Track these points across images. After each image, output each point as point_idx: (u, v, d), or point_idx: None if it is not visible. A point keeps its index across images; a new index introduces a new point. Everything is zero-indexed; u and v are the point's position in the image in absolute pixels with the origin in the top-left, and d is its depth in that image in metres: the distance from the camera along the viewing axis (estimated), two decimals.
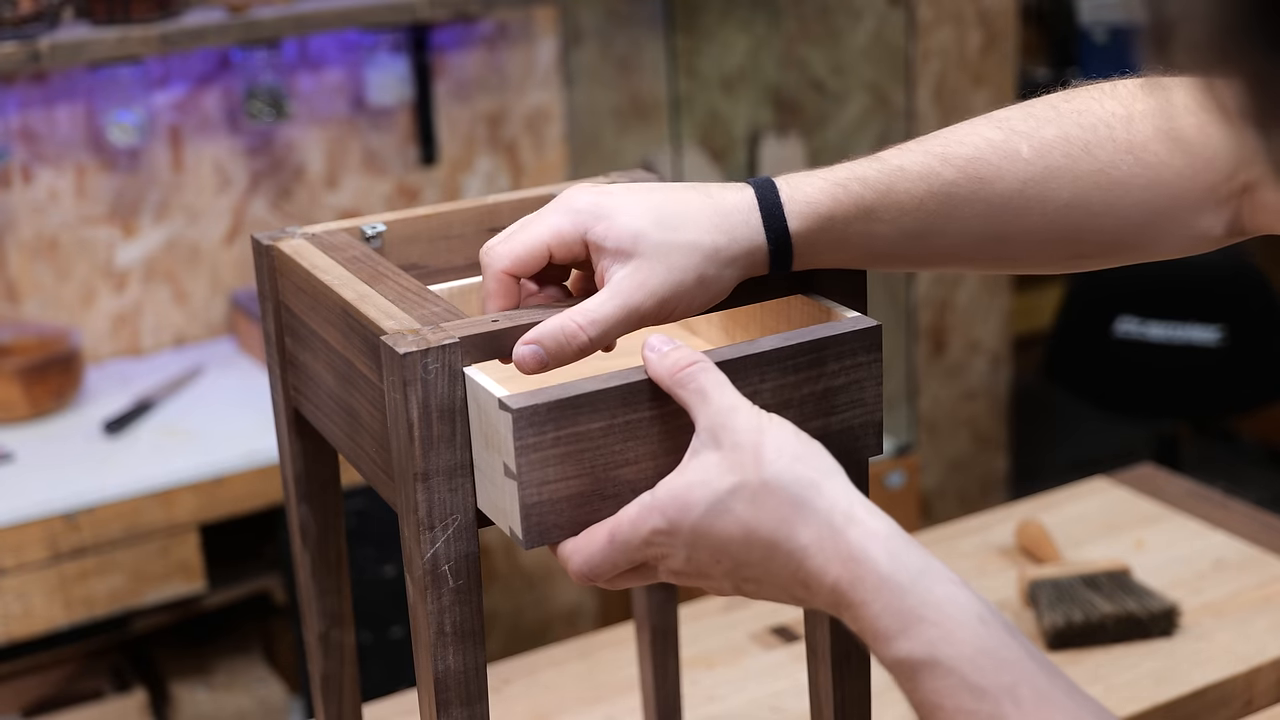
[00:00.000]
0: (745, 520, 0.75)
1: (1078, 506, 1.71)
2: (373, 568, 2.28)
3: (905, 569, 0.72)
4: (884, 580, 0.72)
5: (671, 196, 0.86)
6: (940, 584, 0.72)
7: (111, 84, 2.43)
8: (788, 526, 0.74)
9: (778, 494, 0.74)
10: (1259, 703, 1.40)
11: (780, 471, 0.75)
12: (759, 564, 0.76)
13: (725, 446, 0.76)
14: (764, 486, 0.75)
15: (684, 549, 0.77)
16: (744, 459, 0.75)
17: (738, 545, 0.75)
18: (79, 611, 2.12)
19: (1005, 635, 0.71)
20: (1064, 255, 0.94)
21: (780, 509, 0.74)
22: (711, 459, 0.76)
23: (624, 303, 0.83)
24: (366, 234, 1.05)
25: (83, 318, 2.55)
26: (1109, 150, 0.90)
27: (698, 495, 0.76)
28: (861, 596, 0.72)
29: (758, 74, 3.14)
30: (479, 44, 2.77)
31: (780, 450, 0.75)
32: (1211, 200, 0.91)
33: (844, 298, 0.92)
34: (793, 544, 0.74)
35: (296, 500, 1.08)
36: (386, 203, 2.76)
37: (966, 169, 0.89)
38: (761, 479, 0.75)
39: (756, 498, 0.75)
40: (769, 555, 0.75)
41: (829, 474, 0.76)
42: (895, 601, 0.71)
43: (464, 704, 0.87)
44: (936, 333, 2.99)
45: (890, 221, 0.88)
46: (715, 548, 0.76)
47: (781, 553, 0.75)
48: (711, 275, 0.85)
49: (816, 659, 0.96)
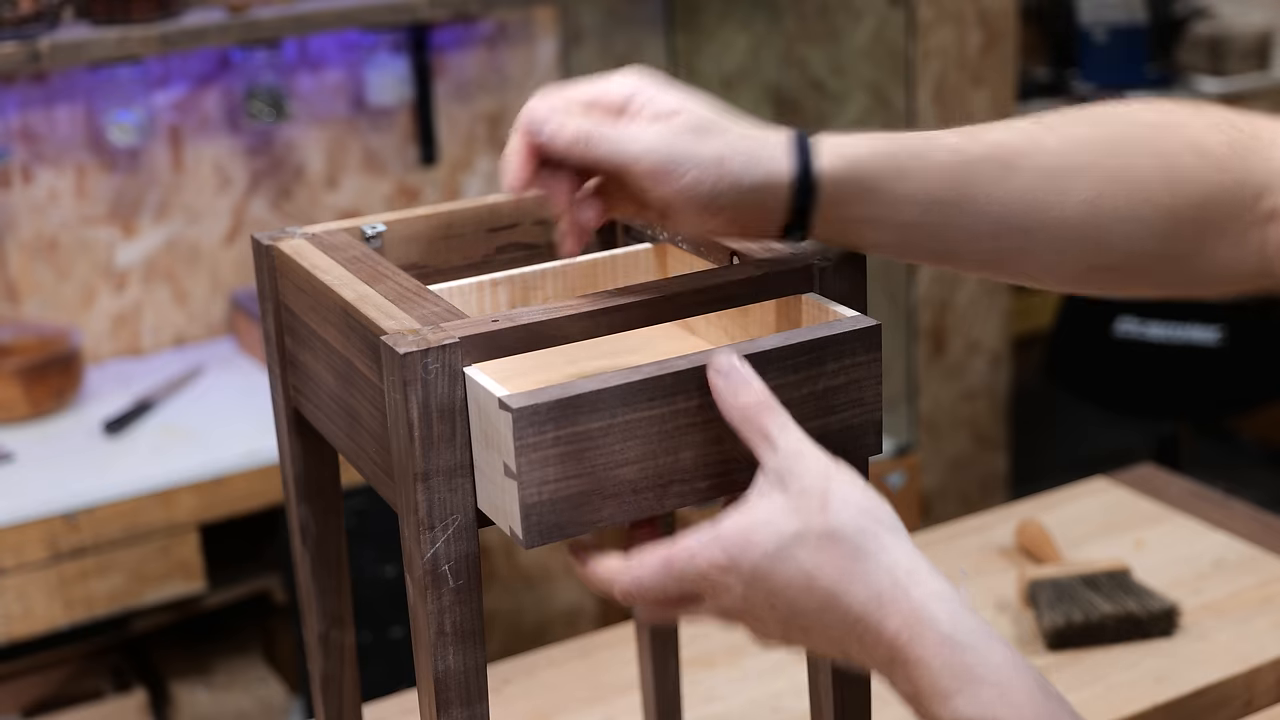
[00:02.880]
0: (807, 568, 0.75)
1: (1078, 506, 1.71)
2: (373, 568, 2.28)
3: (966, 630, 0.73)
4: (944, 639, 0.72)
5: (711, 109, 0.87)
6: (999, 648, 0.73)
7: (111, 84, 2.43)
8: (849, 578, 0.74)
9: (841, 545, 0.74)
10: (1259, 703, 1.40)
11: (845, 523, 0.75)
12: (814, 614, 0.76)
13: (791, 492, 0.76)
14: (828, 536, 0.75)
15: (741, 587, 0.76)
16: (809, 505, 0.75)
17: (796, 591, 0.75)
18: (79, 611, 2.13)
19: (1058, 708, 0.72)
20: (1078, 266, 0.91)
21: (842, 560, 0.74)
22: (777, 502, 0.76)
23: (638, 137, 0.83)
24: (366, 234, 1.05)
25: (83, 318, 2.55)
26: (1136, 150, 0.89)
27: (762, 535, 0.75)
28: (919, 654, 0.73)
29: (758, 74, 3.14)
30: (479, 44, 2.77)
31: (846, 501, 0.75)
32: (1239, 223, 0.90)
33: (844, 298, 0.92)
34: (852, 597, 0.74)
35: (296, 500, 1.08)
36: (386, 203, 2.76)
37: (993, 149, 0.88)
38: (826, 528, 0.75)
39: (820, 546, 0.75)
40: (826, 605, 0.75)
41: (892, 530, 0.76)
42: (955, 660, 0.72)
43: (464, 704, 0.87)
44: (936, 333, 2.99)
45: (917, 185, 0.87)
46: (773, 591, 0.76)
47: (840, 604, 0.74)
48: (731, 166, 0.84)
49: (816, 659, 0.96)
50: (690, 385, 0.82)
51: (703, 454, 0.83)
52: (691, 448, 0.83)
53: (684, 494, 0.84)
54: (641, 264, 1.06)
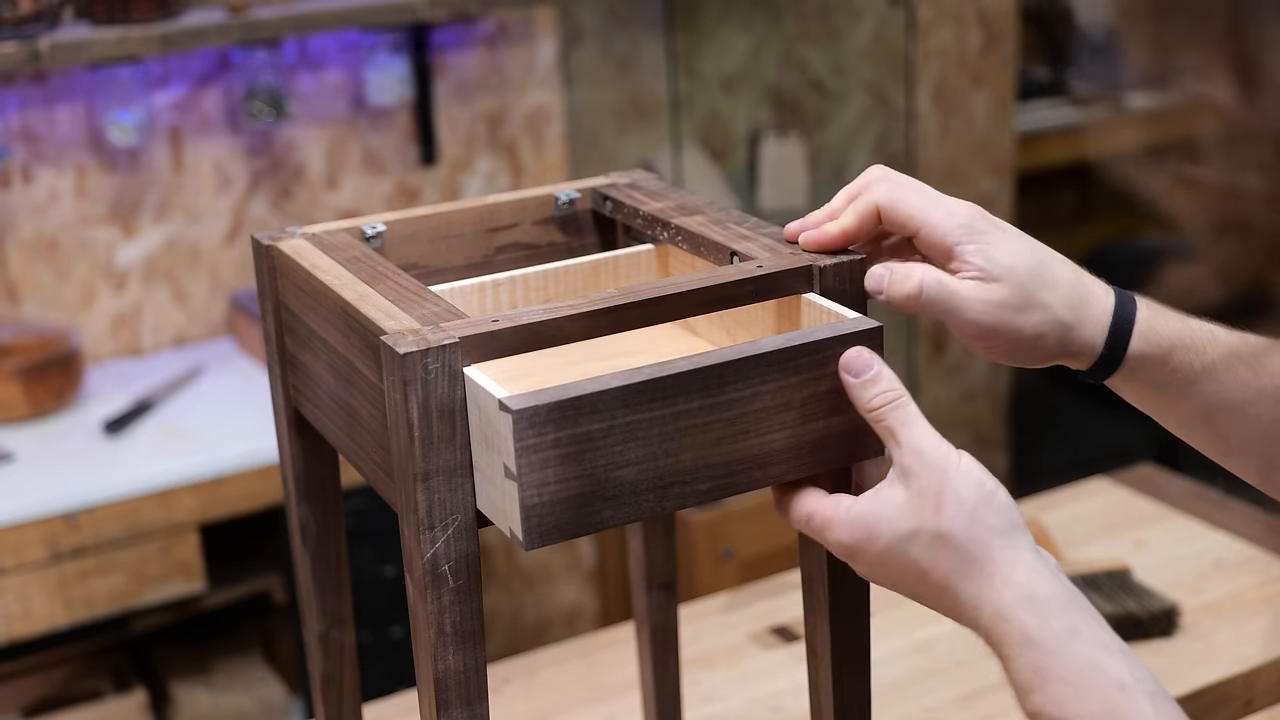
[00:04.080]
0: (921, 564, 0.83)
1: (1078, 506, 1.71)
2: (373, 568, 2.28)
3: (1051, 632, 0.80)
4: (1028, 640, 0.80)
5: (1050, 255, 0.94)
6: (1086, 649, 0.79)
7: (111, 84, 2.43)
8: (955, 577, 0.83)
9: (950, 547, 0.82)
10: (1259, 703, 1.40)
11: (956, 529, 0.82)
12: (930, 597, 0.85)
13: (912, 490, 0.83)
14: (939, 538, 0.82)
15: (865, 566, 0.86)
16: (925, 506, 0.83)
17: (912, 580, 0.84)
18: (79, 611, 2.12)
19: (1143, 703, 0.78)
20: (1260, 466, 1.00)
21: (950, 561, 0.82)
22: (899, 497, 0.84)
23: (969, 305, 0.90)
24: (366, 234, 1.05)
25: (83, 318, 2.55)
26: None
27: (883, 529, 0.84)
28: (1006, 651, 0.81)
29: (758, 74, 3.14)
30: (479, 44, 2.77)
31: (960, 504, 0.82)
32: None
33: (843, 298, 0.92)
34: (958, 594, 0.83)
35: (296, 500, 1.08)
36: (386, 203, 2.76)
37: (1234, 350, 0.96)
38: (937, 530, 0.82)
39: (932, 547, 0.83)
40: (938, 595, 0.84)
41: (1000, 533, 0.83)
42: (1035, 660, 0.80)
43: (464, 704, 0.87)
44: (936, 333, 2.99)
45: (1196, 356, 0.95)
46: (892, 578, 0.85)
47: (949, 596, 0.84)
48: (1046, 342, 0.92)
49: (816, 659, 0.96)
50: (692, 386, 0.82)
51: (703, 455, 0.83)
52: (692, 449, 0.83)
53: (684, 495, 0.84)
54: (642, 264, 1.06)
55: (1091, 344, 0.94)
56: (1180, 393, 0.95)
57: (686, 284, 0.90)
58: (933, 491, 0.82)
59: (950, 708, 1.35)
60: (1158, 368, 0.94)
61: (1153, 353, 0.94)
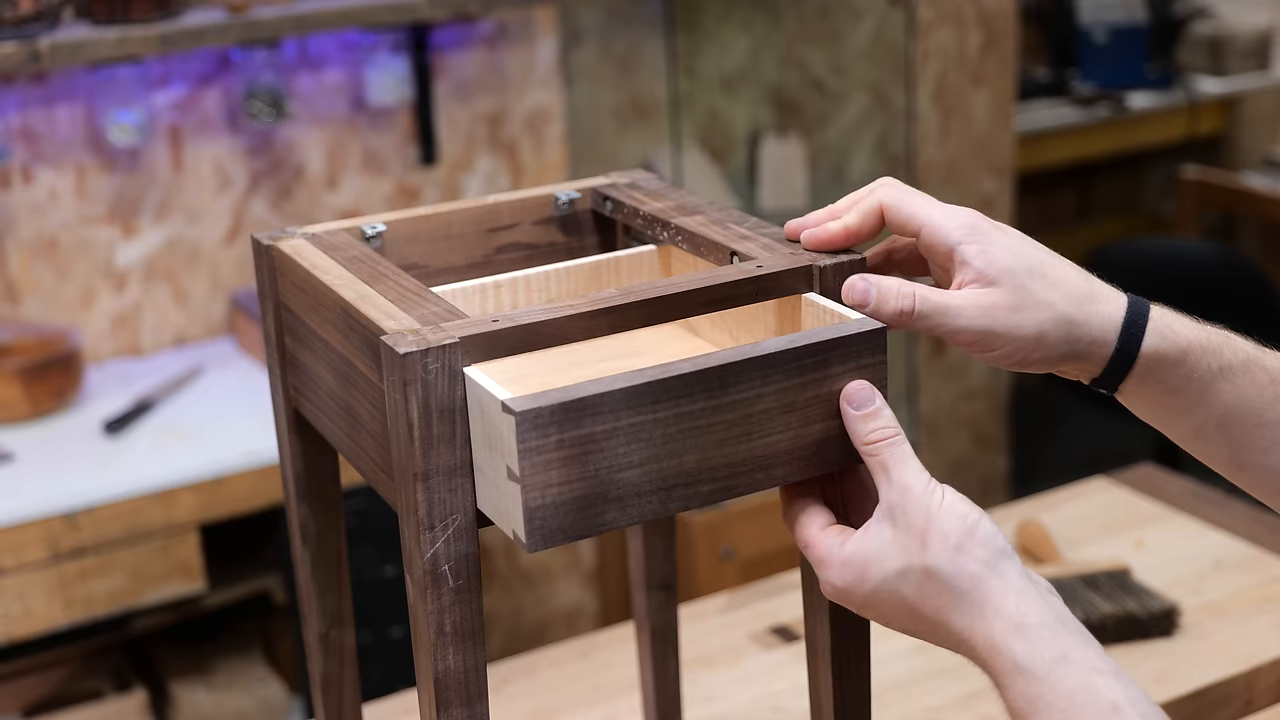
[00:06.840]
0: (911, 602, 0.84)
1: (1078, 506, 1.71)
2: (373, 568, 2.28)
3: (1042, 660, 0.81)
4: (1019, 668, 0.81)
5: (1054, 257, 0.93)
6: (1077, 674, 0.80)
7: (111, 84, 2.43)
8: (946, 612, 0.84)
9: (939, 583, 0.83)
10: (1259, 703, 1.40)
11: (943, 564, 0.83)
12: (924, 633, 0.87)
13: (899, 527, 0.84)
14: (927, 575, 0.83)
15: (858, 602, 0.87)
16: (912, 544, 0.83)
17: (904, 617, 0.86)
18: (79, 611, 2.12)
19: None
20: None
21: (940, 597, 0.83)
22: (886, 535, 0.85)
23: (960, 312, 0.90)
24: (366, 234, 1.05)
25: (83, 318, 2.55)
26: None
27: (872, 571, 0.85)
28: (1000, 680, 0.83)
29: (758, 74, 3.14)
30: (479, 44, 2.77)
31: (944, 539, 0.83)
32: None
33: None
34: (950, 627, 0.84)
35: (296, 500, 1.08)
36: (386, 203, 2.76)
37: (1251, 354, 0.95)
38: (925, 567, 0.83)
39: (920, 584, 0.84)
40: (931, 630, 0.86)
41: (987, 564, 0.83)
42: (1028, 689, 0.81)
43: (464, 704, 0.87)
44: None
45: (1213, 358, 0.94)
46: (885, 615, 0.87)
47: (941, 631, 0.85)
48: (1049, 340, 0.91)
49: (816, 659, 0.96)
50: (694, 388, 0.82)
51: (706, 456, 0.83)
52: (695, 450, 0.83)
53: (688, 497, 0.84)
54: (644, 265, 1.06)
55: (1102, 341, 0.92)
56: (1196, 397, 0.94)
57: (686, 284, 0.90)
58: (918, 529, 0.83)
59: (951, 708, 1.35)
60: (1173, 368, 0.93)
61: (1169, 351, 0.92)
